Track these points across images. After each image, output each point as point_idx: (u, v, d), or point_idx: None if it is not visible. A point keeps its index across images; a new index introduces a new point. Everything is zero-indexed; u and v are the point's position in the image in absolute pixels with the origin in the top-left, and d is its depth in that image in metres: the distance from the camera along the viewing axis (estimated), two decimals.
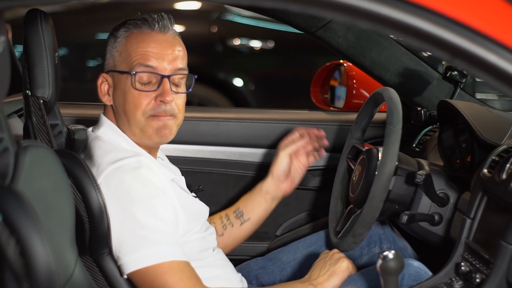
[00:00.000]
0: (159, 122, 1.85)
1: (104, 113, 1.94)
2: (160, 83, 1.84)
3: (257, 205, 2.19)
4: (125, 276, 1.74)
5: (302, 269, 2.15)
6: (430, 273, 1.90)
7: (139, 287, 1.75)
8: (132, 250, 1.72)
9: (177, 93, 1.87)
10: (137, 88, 1.83)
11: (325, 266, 1.93)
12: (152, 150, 1.93)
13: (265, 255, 2.29)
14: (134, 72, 1.83)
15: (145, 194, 1.76)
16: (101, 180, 1.76)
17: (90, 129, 1.93)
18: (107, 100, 1.90)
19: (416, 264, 1.90)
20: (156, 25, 1.87)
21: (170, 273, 1.71)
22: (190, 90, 1.93)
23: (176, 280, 1.72)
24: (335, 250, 2.00)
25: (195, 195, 2.04)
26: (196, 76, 1.94)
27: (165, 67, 1.85)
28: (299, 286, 1.88)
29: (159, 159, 1.98)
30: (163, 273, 1.71)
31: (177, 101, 1.87)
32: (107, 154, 1.81)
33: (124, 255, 1.73)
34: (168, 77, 1.85)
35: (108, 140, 1.87)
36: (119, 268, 1.75)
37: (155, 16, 1.89)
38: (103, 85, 1.90)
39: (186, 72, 1.89)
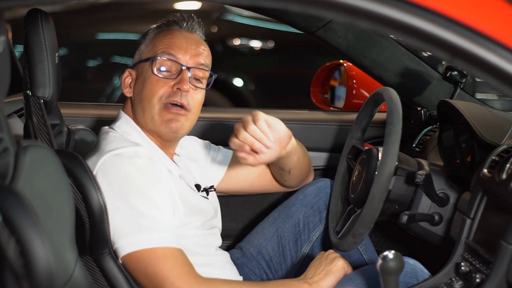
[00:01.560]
0: (170, 114, 1.88)
1: (123, 109, 1.99)
2: (179, 73, 1.89)
3: (289, 160, 2.14)
4: (120, 261, 1.75)
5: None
6: (426, 271, 1.91)
7: (133, 273, 1.76)
8: (126, 234, 1.74)
9: (196, 87, 1.92)
10: (156, 74, 1.88)
11: (321, 266, 1.94)
12: (165, 144, 1.94)
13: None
14: (156, 57, 1.89)
15: (141, 181, 1.78)
16: (98, 167, 1.79)
17: (106, 127, 1.96)
18: (127, 92, 1.95)
19: (412, 262, 1.91)
20: (185, 24, 1.96)
21: (163, 260, 1.72)
22: (209, 87, 1.98)
23: (170, 267, 1.72)
24: (331, 250, 2.00)
25: (205, 195, 2.04)
26: (216, 75, 1.99)
27: (187, 60, 1.91)
28: (294, 284, 1.89)
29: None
30: (157, 259, 1.72)
31: (194, 95, 1.92)
32: (109, 144, 1.85)
33: (118, 239, 1.75)
34: (189, 68, 1.90)
35: (118, 131, 1.90)
36: (114, 253, 1.76)
37: (185, 16, 1.98)
38: (127, 79, 1.97)
39: (207, 69, 1.95)
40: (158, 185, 1.80)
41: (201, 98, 1.95)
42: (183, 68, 1.89)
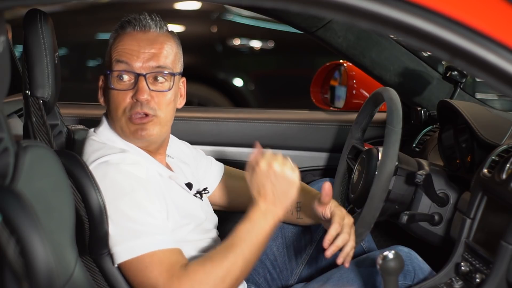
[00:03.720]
0: (134, 126, 1.83)
1: (104, 113, 1.95)
2: (136, 81, 1.82)
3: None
4: (116, 265, 1.75)
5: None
6: (420, 258, 1.95)
7: (127, 280, 1.75)
8: (118, 242, 1.73)
9: (157, 91, 1.83)
10: (113, 88, 1.83)
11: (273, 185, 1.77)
12: (149, 148, 1.91)
13: None
14: (109, 72, 1.84)
15: (127, 186, 1.75)
16: None
17: (91, 129, 1.94)
18: (102, 101, 1.92)
19: (406, 249, 1.95)
20: (137, 24, 1.87)
21: (150, 268, 1.69)
22: (171, 89, 1.85)
23: (156, 275, 1.69)
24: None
25: (199, 196, 2.02)
26: (175, 74, 1.87)
27: (141, 66, 1.83)
28: (253, 218, 1.74)
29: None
30: (144, 268, 1.70)
31: (158, 99, 1.83)
32: (95, 151, 1.82)
33: (112, 246, 1.74)
34: (144, 75, 1.82)
35: (103, 138, 1.87)
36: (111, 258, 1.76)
37: (139, 16, 1.89)
38: (101, 86, 1.92)
39: (166, 70, 1.85)
40: (145, 188, 1.77)
41: (169, 98, 1.86)
42: (139, 76, 1.82)
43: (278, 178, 1.73)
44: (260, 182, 1.74)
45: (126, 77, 1.83)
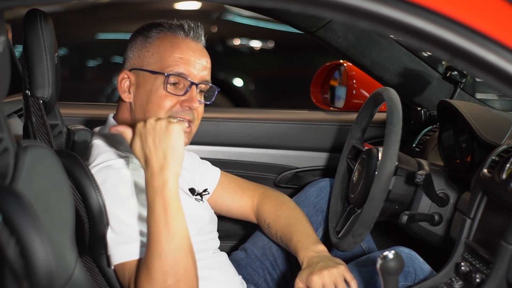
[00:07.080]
0: None
1: (116, 113, 1.95)
2: (188, 89, 1.87)
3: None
4: (112, 267, 1.75)
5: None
6: (421, 259, 1.95)
7: (119, 282, 1.76)
8: (111, 245, 1.73)
9: (200, 102, 1.90)
10: (167, 90, 1.85)
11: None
12: None
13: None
14: (168, 74, 1.85)
15: (125, 192, 1.75)
16: None
17: (96, 129, 1.94)
18: (126, 97, 1.91)
19: (407, 250, 1.95)
20: (192, 33, 1.92)
21: (130, 273, 1.70)
22: (212, 101, 1.95)
23: (133, 281, 1.69)
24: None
25: (200, 198, 2.02)
26: (219, 89, 1.97)
27: (195, 75, 1.88)
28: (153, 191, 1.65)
29: None
30: (130, 274, 1.70)
31: (198, 109, 1.90)
32: (101, 154, 1.83)
33: (107, 249, 1.74)
34: (197, 85, 1.88)
35: (110, 140, 1.87)
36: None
37: (191, 23, 1.93)
38: (124, 81, 1.91)
39: (210, 83, 1.93)
40: (144, 195, 1.73)
41: (203, 109, 1.94)
42: (192, 85, 1.87)
43: (156, 137, 1.63)
44: (140, 151, 1.64)
45: (178, 82, 1.87)
